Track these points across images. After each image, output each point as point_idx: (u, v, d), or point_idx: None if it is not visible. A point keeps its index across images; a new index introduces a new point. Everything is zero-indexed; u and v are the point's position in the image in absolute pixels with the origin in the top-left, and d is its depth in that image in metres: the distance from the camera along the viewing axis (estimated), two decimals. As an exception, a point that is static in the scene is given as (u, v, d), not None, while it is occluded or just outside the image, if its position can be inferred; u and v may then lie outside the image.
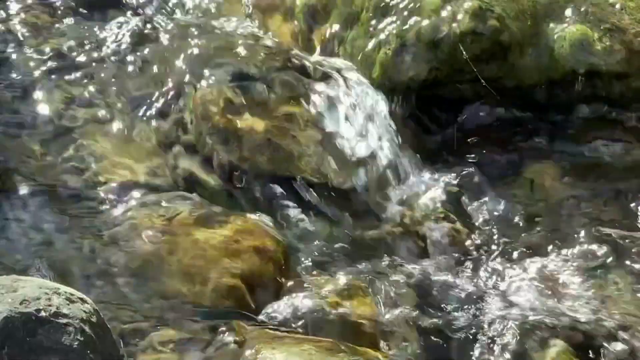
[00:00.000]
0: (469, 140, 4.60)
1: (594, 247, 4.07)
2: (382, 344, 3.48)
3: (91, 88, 4.47)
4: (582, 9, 4.60)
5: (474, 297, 3.82)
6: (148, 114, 4.40)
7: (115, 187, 4.01)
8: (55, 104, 4.37)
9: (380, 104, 4.42)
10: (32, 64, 4.52)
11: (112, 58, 4.61)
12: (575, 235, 4.15)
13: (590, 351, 3.58)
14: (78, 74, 4.52)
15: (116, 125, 4.33)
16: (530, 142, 4.61)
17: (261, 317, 3.52)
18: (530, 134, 4.64)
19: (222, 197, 4.07)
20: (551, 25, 4.57)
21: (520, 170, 4.44)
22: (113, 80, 4.53)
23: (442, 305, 3.77)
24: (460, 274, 3.95)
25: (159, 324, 3.39)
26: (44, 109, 4.33)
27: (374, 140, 4.30)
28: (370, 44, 4.51)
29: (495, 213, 4.23)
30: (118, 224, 3.81)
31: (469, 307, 3.76)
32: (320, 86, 4.35)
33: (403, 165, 4.34)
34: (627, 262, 4.01)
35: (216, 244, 3.72)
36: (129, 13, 4.92)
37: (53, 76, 4.49)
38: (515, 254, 4.04)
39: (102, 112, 4.38)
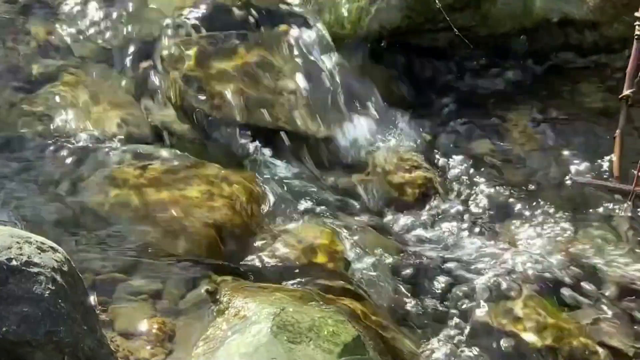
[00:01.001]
0: (443, 89, 4.61)
1: (566, 195, 4.11)
2: (354, 292, 3.50)
3: (64, 38, 4.44)
4: (556, -45, 4.60)
5: (447, 244, 3.85)
6: (121, 64, 4.38)
7: (88, 137, 4.00)
8: (28, 53, 4.34)
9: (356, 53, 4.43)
10: (3, 12, 4.47)
11: (85, 8, 4.57)
12: (548, 183, 4.18)
13: (559, 298, 3.62)
14: (50, 24, 4.48)
15: (89, 75, 4.31)
16: (504, 91, 4.62)
17: (234, 267, 3.53)
18: (504, 83, 4.65)
19: (195, 147, 4.06)
20: (525, -28, 4.57)
21: (494, 119, 4.45)
22: (86, 30, 4.50)
23: (415, 253, 3.79)
24: (434, 222, 3.96)
25: (131, 274, 3.39)
26: (15, 58, 4.30)
27: (347, 88, 4.31)
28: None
29: (469, 161, 4.25)
30: (91, 174, 3.80)
31: (443, 254, 3.78)
32: (291, 34, 4.34)
33: (377, 114, 4.34)
34: (597, 211, 4.05)
35: (189, 194, 3.72)
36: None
37: (25, 25, 4.45)
38: (487, 202, 4.06)
39: (75, 62, 4.35)
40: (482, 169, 4.21)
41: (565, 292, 3.65)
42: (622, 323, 3.57)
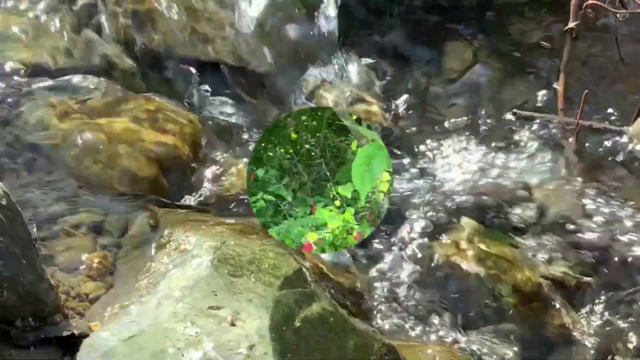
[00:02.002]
0: (388, 21, 4.59)
1: (509, 128, 4.13)
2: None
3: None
4: None
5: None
6: (64, -4, 4.33)
7: (28, 70, 3.95)
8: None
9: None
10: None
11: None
12: (490, 117, 4.20)
13: (502, 230, 3.66)
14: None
15: (29, 7, 4.24)
16: (448, 24, 4.61)
17: (175, 201, 3.52)
18: (448, 16, 4.64)
19: (137, 81, 4.03)
20: None
21: (435, 54, 4.45)
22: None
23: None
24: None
25: (72, 208, 3.37)
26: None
27: (292, 21, 4.29)
28: None
29: (411, 93, 4.26)
30: (30, 106, 3.75)
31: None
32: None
33: (319, 45, 4.32)
34: (541, 145, 4.07)
35: (130, 127, 3.70)
36: None
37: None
38: (429, 135, 4.08)
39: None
40: (425, 103, 4.22)
41: (509, 224, 3.68)
42: (564, 254, 3.61)
